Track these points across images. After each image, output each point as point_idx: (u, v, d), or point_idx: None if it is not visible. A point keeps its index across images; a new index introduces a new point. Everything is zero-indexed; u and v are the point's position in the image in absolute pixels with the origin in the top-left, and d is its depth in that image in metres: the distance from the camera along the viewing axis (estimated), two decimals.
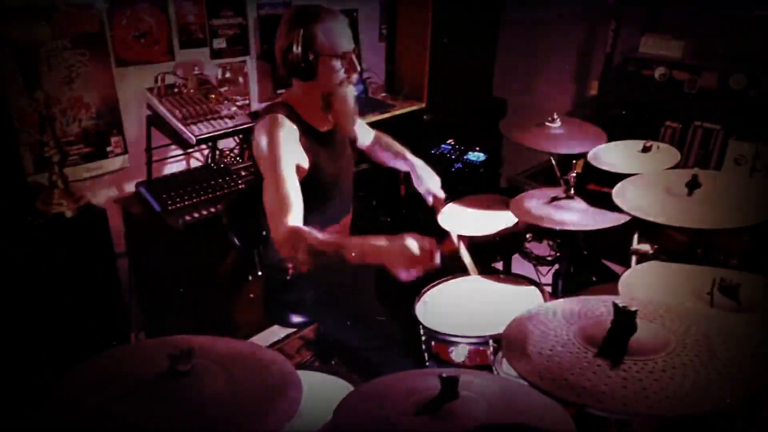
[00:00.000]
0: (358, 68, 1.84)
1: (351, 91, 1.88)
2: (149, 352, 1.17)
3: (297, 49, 1.74)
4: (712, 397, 0.93)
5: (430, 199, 2.14)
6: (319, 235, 1.62)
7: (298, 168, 1.79)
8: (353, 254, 1.56)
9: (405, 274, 1.51)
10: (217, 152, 2.94)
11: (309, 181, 1.81)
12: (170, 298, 2.71)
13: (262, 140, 1.76)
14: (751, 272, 1.49)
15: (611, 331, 1.06)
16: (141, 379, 1.06)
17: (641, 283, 1.53)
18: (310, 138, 1.83)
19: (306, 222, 1.90)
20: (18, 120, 2.36)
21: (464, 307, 1.82)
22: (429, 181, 2.14)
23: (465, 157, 3.57)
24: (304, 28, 1.74)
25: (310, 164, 1.82)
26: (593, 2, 3.61)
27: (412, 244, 1.51)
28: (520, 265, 2.45)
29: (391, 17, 3.82)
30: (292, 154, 1.76)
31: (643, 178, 1.92)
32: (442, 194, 2.14)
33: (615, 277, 1.61)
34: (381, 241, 1.55)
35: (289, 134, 1.77)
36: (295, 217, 1.67)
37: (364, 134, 2.21)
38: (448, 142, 3.67)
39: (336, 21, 1.79)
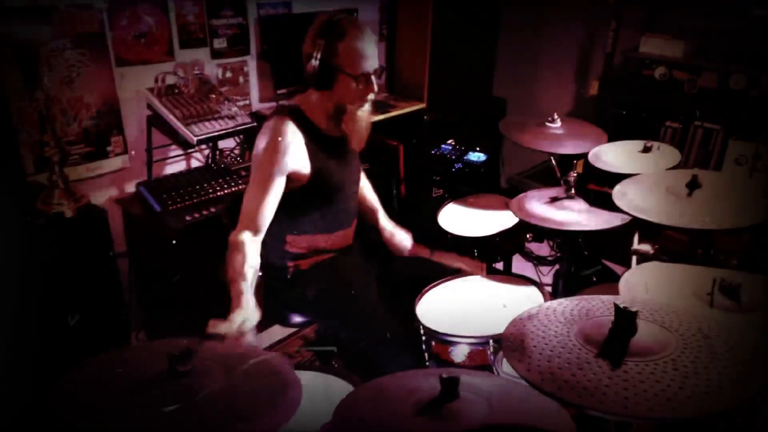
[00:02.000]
0: (375, 90, 1.81)
1: (364, 110, 1.86)
2: (149, 352, 1.17)
3: (317, 60, 1.73)
4: (712, 398, 0.93)
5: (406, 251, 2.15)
6: (239, 265, 1.68)
7: (296, 174, 1.79)
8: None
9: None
10: (218, 152, 2.94)
11: (312, 186, 1.81)
12: (170, 298, 2.71)
13: (261, 142, 1.77)
14: (751, 272, 1.50)
15: (612, 331, 1.06)
16: (141, 379, 1.06)
17: (642, 283, 1.53)
18: (319, 143, 1.83)
19: (309, 226, 1.91)
20: (18, 120, 2.36)
21: (464, 307, 1.82)
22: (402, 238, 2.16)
23: (465, 158, 3.57)
24: (327, 41, 1.72)
25: (313, 170, 1.81)
26: (593, 2, 3.61)
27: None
28: (520, 265, 2.45)
29: (391, 17, 3.81)
30: (287, 162, 1.76)
31: (643, 178, 1.92)
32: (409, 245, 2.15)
33: (615, 278, 1.61)
34: (234, 313, 1.60)
35: (291, 140, 1.77)
36: (254, 231, 1.73)
37: None
38: (448, 142, 3.67)
39: (361, 40, 1.75)
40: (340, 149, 1.92)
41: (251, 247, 1.70)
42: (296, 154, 1.78)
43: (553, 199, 2.04)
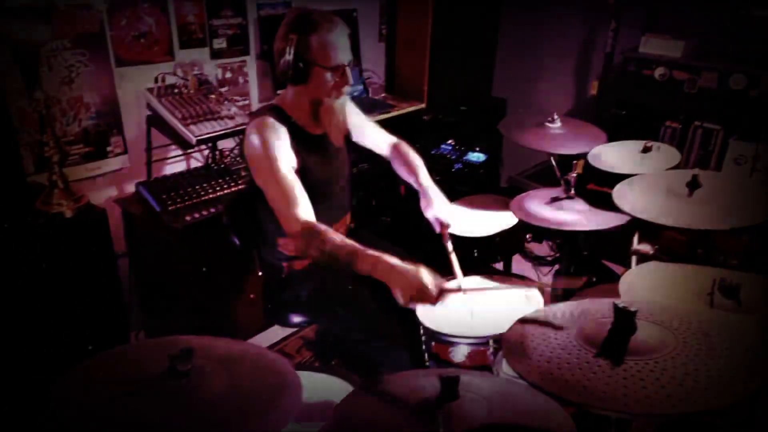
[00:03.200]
0: (350, 82, 1.82)
1: (340, 103, 1.87)
2: (149, 352, 1.17)
3: (290, 56, 1.73)
4: (712, 397, 0.93)
5: (437, 227, 1.96)
6: (336, 238, 1.62)
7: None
8: (365, 266, 1.54)
9: (404, 302, 1.49)
10: (217, 152, 2.94)
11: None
12: (170, 298, 2.71)
13: (254, 142, 1.76)
14: (751, 272, 1.50)
15: (611, 331, 1.06)
16: (141, 379, 1.06)
17: (641, 283, 1.53)
18: (300, 140, 1.83)
19: None
20: (18, 120, 2.36)
21: (464, 308, 1.82)
22: (438, 207, 1.95)
23: (465, 158, 3.58)
24: (299, 35, 1.72)
25: (299, 166, 1.82)
26: (593, 2, 3.61)
27: (427, 278, 1.48)
28: (520, 266, 2.45)
29: (391, 17, 3.82)
30: (285, 154, 1.77)
31: (643, 178, 1.92)
32: (450, 222, 1.95)
33: (615, 278, 1.61)
34: (396, 262, 1.52)
35: (279, 135, 1.77)
36: (305, 210, 1.69)
37: (378, 140, 2.15)
38: (448, 142, 3.67)
39: (334, 32, 1.75)
40: (322, 146, 1.92)
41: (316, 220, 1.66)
42: (286, 147, 1.79)
43: (553, 199, 2.04)
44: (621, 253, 2.05)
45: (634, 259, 1.90)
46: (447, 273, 1.83)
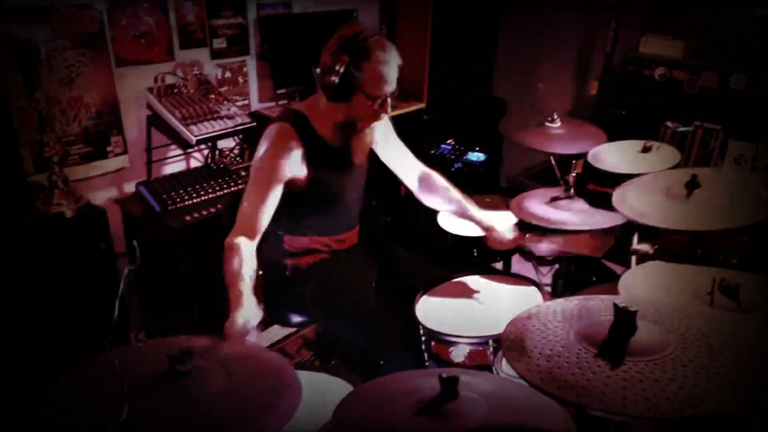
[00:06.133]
0: (389, 111, 1.80)
1: (371, 130, 1.88)
2: (149, 352, 1.17)
3: (337, 75, 1.70)
4: (712, 398, 0.93)
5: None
6: (236, 267, 1.61)
7: (294, 179, 1.80)
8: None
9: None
10: (217, 152, 2.94)
11: (310, 192, 1.82)
12: (170, 298, 2.71)
13: (260, 148, 1.78)
14: (751, 272, 1.50)
15: (611, 331, 1.06)
16: (141, 379, 1.06)
17: (641, 283, 1.53)
18: (317, 151, 1.82)
19: (307, 228, 1.91)
20: (18, 120, 2.36)
21: (464, 307, 1.82)
22: (503, 234, 2.00)
23: (465, 157, 3.58)
24: (352, 59, 1.69)
25: (311, 177, 1.82)
26: (593, 2, 3.61)
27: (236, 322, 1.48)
28: (520, 265, 2.45)
29: (391, 17, 3.81)
30: (285, 170, 1.76)
31: (642, 179, 1.92)
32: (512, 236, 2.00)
33: (615, 277, 1.61)
34: (237, 304, 1.53)
35: (289, 148, 1.77)
36: (250, 235, 1.69)
37: (405, 165, 2.13)
38: (448, 142, 3.67)
39: (386, 64, 1.73)
40: (341, 159, 1.90)
41: (247, 249, 1.66)
42: (294, 161, 1.78)
43: (553, 199, 2.04)
44: (621, 252, 2.05)
45: (634, 258, 1.90)
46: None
